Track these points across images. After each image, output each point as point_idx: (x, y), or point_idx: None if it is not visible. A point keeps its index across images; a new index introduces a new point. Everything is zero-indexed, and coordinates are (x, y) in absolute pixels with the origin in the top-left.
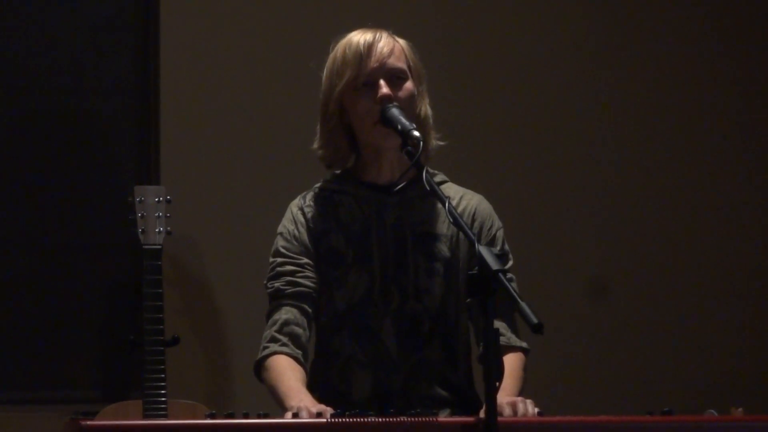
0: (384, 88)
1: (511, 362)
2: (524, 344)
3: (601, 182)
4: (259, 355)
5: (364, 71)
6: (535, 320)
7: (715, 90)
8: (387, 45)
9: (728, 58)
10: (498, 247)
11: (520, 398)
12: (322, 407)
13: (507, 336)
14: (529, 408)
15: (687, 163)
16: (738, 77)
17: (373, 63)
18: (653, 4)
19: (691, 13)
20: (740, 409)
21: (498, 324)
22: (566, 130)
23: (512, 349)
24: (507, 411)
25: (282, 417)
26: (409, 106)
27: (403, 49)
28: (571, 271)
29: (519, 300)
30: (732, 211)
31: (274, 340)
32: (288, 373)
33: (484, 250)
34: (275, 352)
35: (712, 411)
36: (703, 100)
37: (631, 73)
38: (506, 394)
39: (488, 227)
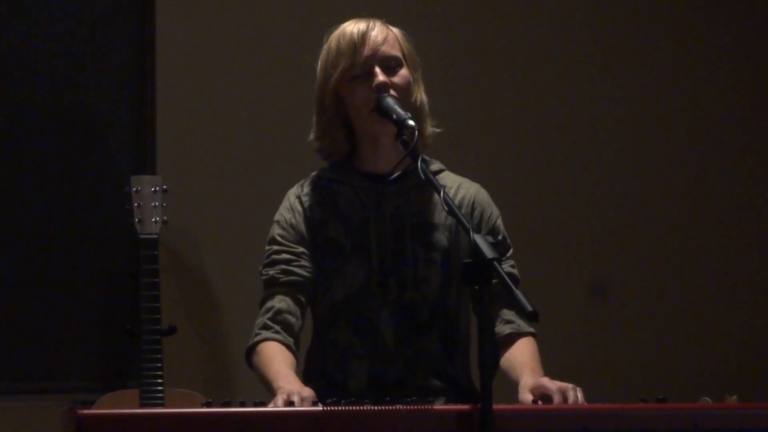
0: (380, 76)
1: (530, 347)
2: (533, 330)
3: (599, 177)
4: (251, 342)
5: (358, 60)
6: (529, 308)
7: (714, 91)
8: (380, 33)
9: (728, 59)
10: (500, 236)
11: (571, 385)
12: (309, 391)
13: (517, 323)
14: (579, 396)
15: (686, 160)
16: (738, 78)
17: (367, 51)
18: (654, 2)
19: (691, 13)
20: (734, 397)
21: (507, 312)
22: (566, 124)
23: (523, 335)
24: (557, 398)
25: (274, 404)
26: (405, 93)
27: (396, 36)
28: (567, 262)
29: (513, 288)
30: (728, 207)
31: (266, 327)
32: (278, 358)
33: (479, 239)
34: (266, 339)
35: (707, 398)
36: (703, 102)
37: (631, 70)
38: (540, 376)
39: (488, 215)
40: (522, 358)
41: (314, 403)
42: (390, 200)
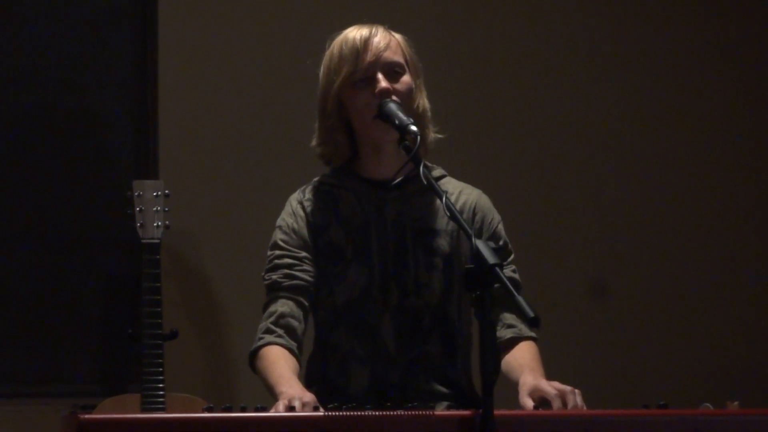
0: (382, 82)
1: (531, 351)
2: (534, 334)
3: (599, 181)
4: (254, 346)
5: (361, 66)
6: (531, 314)
7: (714, 91)
8: (383, 39)
9: (728, 59)
10: (501, 241)
11: (569, 388)
12: (311, 396)
13: (518, 327)
14: (578, 400)
15: (686, 161)
16: (738, 78)
17: (369, 57)
18: (654, 2)
19: (691, 13)
20: (736, 403)
21: (508, 316)
22: (566, 129)
23: (524, 339)
24: (557, 404)
25: (275, 410)
26: (407, 99)
27: (399, 42)
28: (568, 267)
29: (515, 294)
30: (729, 209)
31: (269, 331)
32: (280, 362)
33: (481, 245)
34: (269, 343)
35: (708, 405)
36: (703, 102)
37: (631, 72)
38: (539, 376)
39: (489, 221)
40: (522, 359)
41: (315, 408)
42: (391, 206)
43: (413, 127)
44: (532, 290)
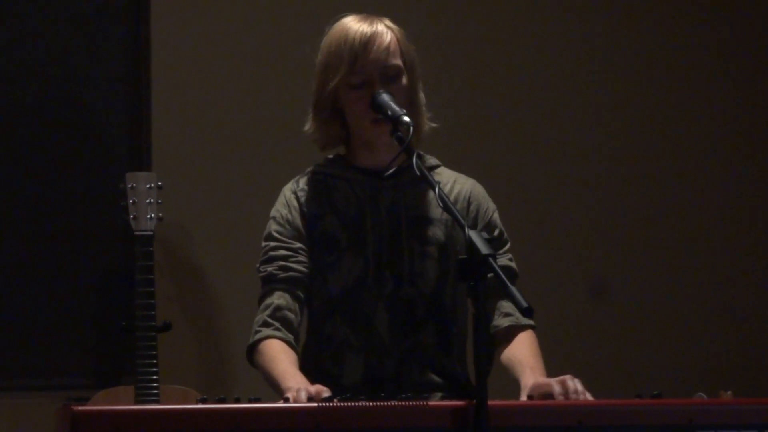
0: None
1: (529, 342)
2: (532, 322)
3: (596, 175)
4: (252, 340)
5: (358, 70)
6: (524, 304)
7: (714, 91)
8: (383, 41)
9: (728, 59)
10: (497, 230)
11: (569, 376)
12: (320, 387)
13: (515, 316)
14: (578, 387)
15: (686, 160)
16: (738, 78)
17: (368, 63)
18: (654, 2)
19: (690, 13)
20: (729, 393)
21: (505, 304)
22: (564, 121)
23: (522, 328)
24: (557, 389)
25: (276, 401)
26: (403, 101)
27: (398, 41)
28: (564, 259)
29: (508, 284)
30: (725, 207)
31: (266, 324)
32: (282, 356)
33: (474, 235)
34: (268, 337)
35: (702, 394)
36: (703, 102)
37: (631, 71)
38: (539, 374)
39: (484, 210)
40: (521, 355)
41: (328, 398)
42: (386, 195)
43: (406, 118)
44: (529, 283)
